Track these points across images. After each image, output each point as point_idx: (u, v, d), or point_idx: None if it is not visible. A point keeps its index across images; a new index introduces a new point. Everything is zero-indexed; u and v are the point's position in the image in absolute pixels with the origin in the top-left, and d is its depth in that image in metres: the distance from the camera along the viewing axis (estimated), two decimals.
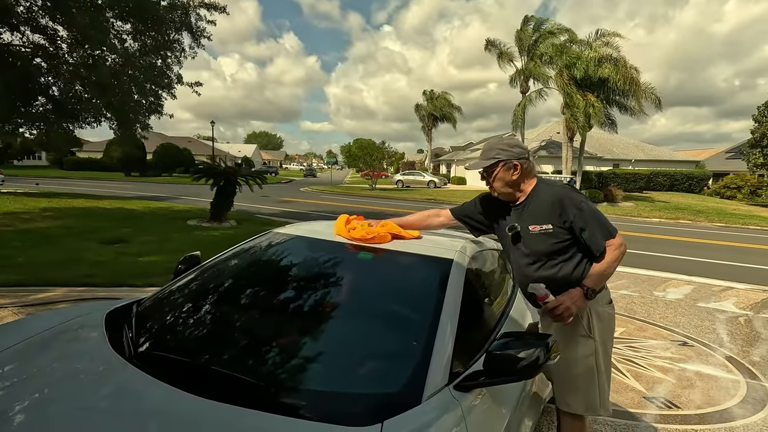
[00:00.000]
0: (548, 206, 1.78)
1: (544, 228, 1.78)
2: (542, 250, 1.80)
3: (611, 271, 1.76)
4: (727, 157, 37.88)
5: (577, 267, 1.79)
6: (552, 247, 1.78)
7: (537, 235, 1.80)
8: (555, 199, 1.77)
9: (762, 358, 3.81)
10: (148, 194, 18.54)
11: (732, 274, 7.40)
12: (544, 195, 1.81)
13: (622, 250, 1.75)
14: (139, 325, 1.63)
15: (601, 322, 1.82)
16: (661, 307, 5.28)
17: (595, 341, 1.80)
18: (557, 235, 1.76)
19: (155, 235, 7.89)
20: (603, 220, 1.76)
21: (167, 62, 10.45)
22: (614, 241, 1.75)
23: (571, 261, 1.79)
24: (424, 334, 1.40)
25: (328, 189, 28.52)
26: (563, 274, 1.78)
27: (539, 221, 1.79)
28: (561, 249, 1.78)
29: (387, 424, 1.08)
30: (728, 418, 2.78)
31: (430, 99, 44.03)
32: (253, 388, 1.22)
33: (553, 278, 1.78)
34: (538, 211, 1.80)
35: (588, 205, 1.76)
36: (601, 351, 1.81)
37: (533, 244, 1.81)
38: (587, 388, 1.80)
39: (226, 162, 10.95)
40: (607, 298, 1.88)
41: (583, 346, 1.80)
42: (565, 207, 1.75)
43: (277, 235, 2.24)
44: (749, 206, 23.44)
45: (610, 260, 1.74)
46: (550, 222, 1.77)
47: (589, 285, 1.73)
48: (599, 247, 1.73)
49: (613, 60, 20.39)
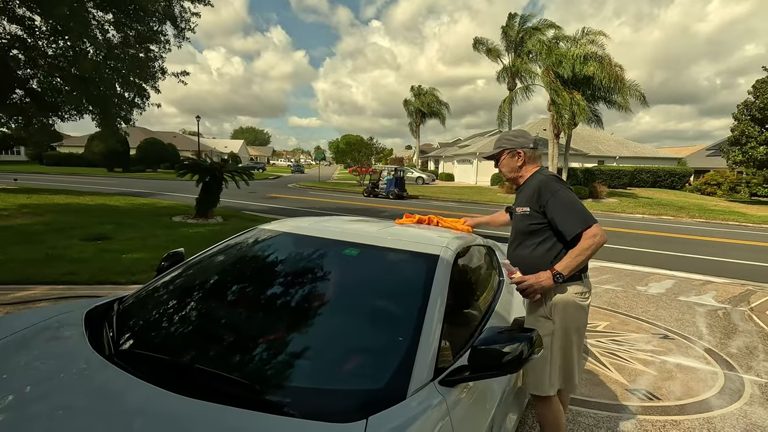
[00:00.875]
0: (531, 191, 1.98)
1: (523, 210, 1.99)
2: (521, 230, 2.02)
3: (582, 258, 1.81)
4: (707, 155, 38.72)
5: (549, 250, 1.93)
6: (527, 228, 1.98)
7: (519, 216, 2.04)
8: (536, 185, 1.96)
9: (739, 350, 3.92)
10: (132, 190, 18.20)
11: (712, 269, 7.59)
12: (531, 181, 2.02)
13: (596, 240, 1.80)
14: (120, 324, 1.61)
15: (565, 309, 1.89)
16: (643, 301, 5.38)
17: (554, 324, 1.90)
18: (532, 217, 1.95)
19: (139, 231, 7.75)
20: (579, 209, 1.86)
21: (150, 54, 10.22)
22: (590, 230, 1.82)
23: (543, 244, 1.94)
24: (410, 330, 1.41)
25: (316, 185, 28.37)
26: (535, 254, 1.95)
27: (522, 204, 2.01)
28: (535, 231, 1.96)
29: (372, 419, 1.08)
30: (706, 408, 2.86)
31: (417, 95, 44.00)
32: (237, 386, 1.21)
33: (526, 257, 1.98)
34: (524, 195, 2.02)
35: (564, 194, 1.89)
36: (559, 336, 1.89)
37: (517, 224, 2.06)
38: (538, 368, 1.90)
39: (212, 158, 10.80)
40: (580, 289, 1.92)
41: (541, 326, 1.90)
42: (541, 192, 1.92)
43: (263, 232, 2.22)
44: (729, 202, 24.03)
45: (582, 248, 1.81)
46: (528, 205, 1.97)
47: (559, 269, 1.82)
48: (570, 233, 1.84)
49: (599, 58, 20.62)
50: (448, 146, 51.29)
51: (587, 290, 1.96)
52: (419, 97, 43.59)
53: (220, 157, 36.49)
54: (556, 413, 1.95)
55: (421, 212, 2.68)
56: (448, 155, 42.93)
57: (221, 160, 11.49)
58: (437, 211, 15.34)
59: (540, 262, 1.91)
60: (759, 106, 22.48)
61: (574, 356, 1.93)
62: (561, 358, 1.91)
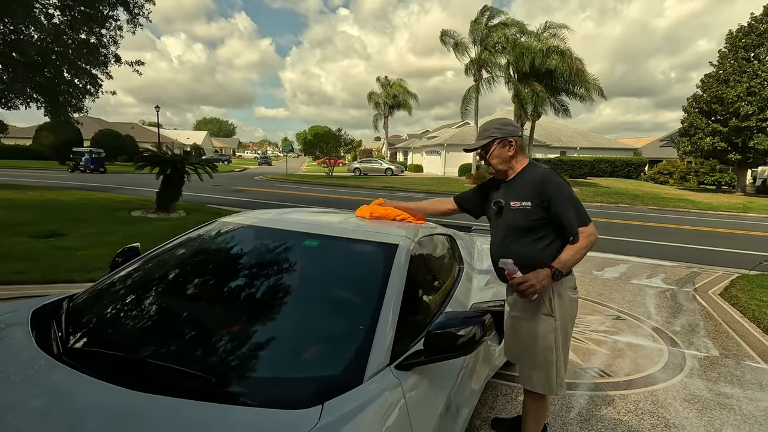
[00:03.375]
0: (531, 185, 1.90)
1: (523, 204, 1.89)
2: (518, 226, 1.92)
3: (580, 257, 1.85)
4: (660, 145, 40.83)
5: (547, 247, 1.89)
6: (527, 224, 1.89)
7: (516, 211, 1.92)
8: (538, 179, 1.89)
9: (682, 327, 4.22)
10: (86, 184, 17.30)
11: (662, 253, 8.07)
12: (529, 174, 1.94)
13: (592, 239, 1.85)
14: (70, 322, 1.55)
15: (563, 304, 1.92)
16: (599, 285, 5.67)
17: (556, 321, 1.90)
18: (534, 212, 1.87)
19: (95, 227, 7.41)
20: (579, 207, 1.87)
21: (101, 40, 9.67)
22: (586, 229, 1.85)
23: (542, 240, 1.89)
24: (367, 317, 1.44)
25: (284, 177, 27.91)
26: (532, 251, 1.89)
27: (520, 198, 1.91)
28: (535, 227, 1.89)
29: (327, 405, 1.11)
30: (651, 382, 3.07)
31: (385, 86, 43.88)
32: (192, 379, 1.20)
33: (523, 254, 1.88)
34: (522, 189, 1.92)
35: (567, 189, 1.87)
36: (561, 331, 1.91)
37: (511, 219, 1.94)
38: (546, 367, 1.92)
39: (174, 150, 10.42)
40: (572, 284, 1.97)
41: (544, 324, 1.90)
42: (546, 186, 1.85)
43: (223, 224, 2.19)
44: (680, 190, 25.49)
45: (579, 247, 1.83)
46: (529, 200, 1.88)
47: (557, 267, 1.82)
48: (573, 230, 1.83)
49: (560, 51, 21.26)
50: (417, 137, 51.61)
51: (575, 282, 2.01)
52: (386, 89, 43.48)
53: (182, 149, 35.19)
54: (547, 408, 2.06)
55: None
56: (417, 146, 43.22)
57: (183, 152, 11.11)
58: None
59: (538, 258, 1.86)
60: (706, 99, 23.85)
61: (569, 347, 2.01)
62: (565, 351, 1.95)
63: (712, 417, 2.65)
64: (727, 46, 24.05)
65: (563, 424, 2.50)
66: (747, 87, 22.13)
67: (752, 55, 23.02)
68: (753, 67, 22.50)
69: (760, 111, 22.01)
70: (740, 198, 22.27)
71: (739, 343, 3.88)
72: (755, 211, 17.49)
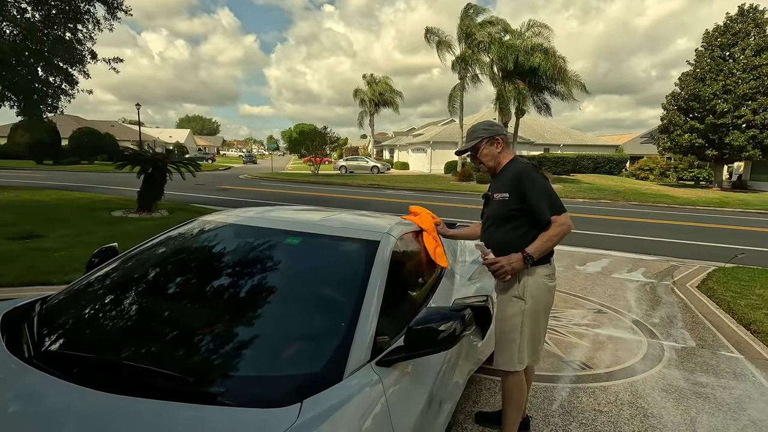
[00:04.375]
0: (510, 178, 2.07)
1: (502, 196, 2.07)
2: (498, 215, 2.10)
3: (552, 244, 1.99)
4: (641, 142, 41.65)
5: (524, 235, 2.03)
6: (505, 213, 2.06)
7: (496, 202, 2.11)
8: (516, 172, 2.05)
9: (661, 320, 4.32)
10: (64, 184, 16.86)
11: (643, 248, 8.24)
12: (510, 168, 2.11)
13: (564, 228, 1.98)
14: (43, 324, 1.51)
15: (535, 289, 2.04)
16: (581, 279, 5.77)
17: (525, 304, 2.04)
18: (510, 203, 2.04)
19: (73, 228, 7.23)
20: (553, 197, 2.01)
21: (77, 36, 9.40)
22: (559, 218, 1.98)
23: (519, 228, 2.04)
24: (348, 314, 1.43)
25: (269, 176, 27.65)
26: (510, 238, 2.05)
27: (501, 190, 2.09)
28: (511, 216, 2.05)
29: (306, 402, 1.10)
30: (631, 373, 3.14)
31: (370, 83, 43.77)
32: (169, 380, 1.18)
33: (503, 240, 2.08)
34: (503, 182, 2.10)
35: (541, 182, 2.03)
36: (529, 315, 2.04)
37: (494, 209, 2.13)
38: (509, 346, 2.06)
39: (155, 148, 10.22)
40: (548, 272, 2.10)
41: (513, 306, 2.05)
42: (522, 179, 2.01)
43: (203, 223, 2.16)
44: (659, 186, 26.06)
45: (551, 234, 1.97)
46: (507, 191, 2.05)
47: (529, 251, 1.97)
48: (544, 218, 1.98)
49: (543, 49, 21.50)
50: (403, 135, 51.64)
51: (553, 272, 2.13)
52: (372, 86, 43.38)
53: (164, 148, 34.57)
54: (522, 389, 2.12)
55: (374, 201, 2.66)
56: (403, 144, 43.27)
57: (165, 151, 10.91)
58: (391, 200, 15.49)
59: (515, 245, 2.02)
60: (684, 97, 24.44)
61: (541, 333, 2.13)
62: (530, 335, 2.06)
63: (689, 406, 2.72)
64: (704, 45, 24.67)
65: (545, 416, 2.54)
66: (723, 85, 22.74)
67: (728, 53, 23.67)
68: (728, 65, 23.14)
69: (735, 108, 22.66)
70: (717, 193, 22.91)
71: (714, 333, 4.00)
72: (731, 205, 18.01)
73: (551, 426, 2.45)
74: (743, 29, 23.26)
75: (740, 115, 22.56)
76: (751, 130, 22.51)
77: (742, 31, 23.25)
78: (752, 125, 22.55)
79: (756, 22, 23.14)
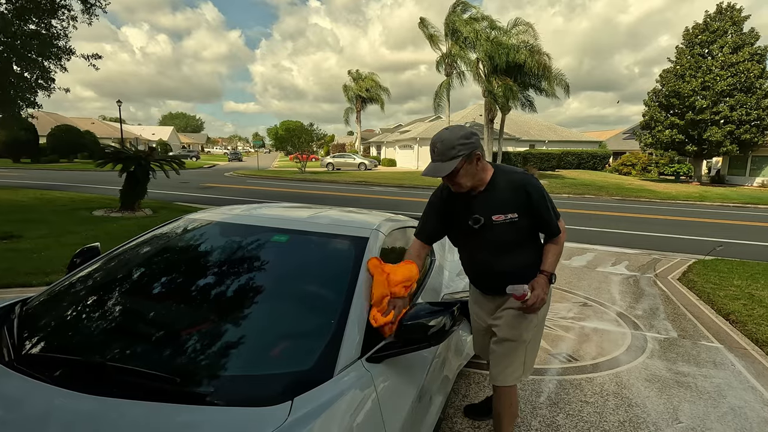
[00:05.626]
0: (510, 194, 1.76)
1: (509, 217, 1.76)
2: (508, 240, 1.80)
3: (561, 254, 1.89)
4: (624, 138, 42.38)
5: (537, 251, 1.88)
6: (516, 235, 1.79)
7: (502, 225, 1.77)
8: (517, 186, 1.76)
9: (644, 312, 4.42)
10: (43, 183, 16.43)
11: (626, 241, 8.40)
12: (504, 183, 1.79)
13: (565, 235, 1.89)
14: (23, 327, 1.47)
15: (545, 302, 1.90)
16: (567, 273, 5.85)
17: (537, 317, 1.90)
18: (521, 222, 1.77)
19: (53, 228, 7.05)
20: (554, 206, 1.86)
21: (51, 31, 9.10)
22: (561, 225, 1.87)
23: (531, 245, 1.87)
24: (338, 311, 1.43)
25: (255, 173, 27.37)
26: (528, 260, 1.84)
27: (505, 210, 1.76)
28: (524, 236, 1.82)
29: (297, 400, 1.10)
30: (616, 364, 3.21)
31: (356, 79, 43.58)
32: (155, 380, 1.16)
33: (519, 264, 1.83)
34: (501, 200, 1.77)
35: (546, 192, 1.82)
36: (539, 326, 1.95)
37: (499, 233, 1.79)
38: (518, 360, 1.89)
39: (138, 146, 10.02)
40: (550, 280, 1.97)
41: (528, 322, 1.87)
42: (529, 193, 1.75)
43: (188, 221, 2.12)
44: (641, 181, 26.59)
45: (560, 246, 1.85)
46: (515, 210, 1.76)
47: (551, 270, 1.81)
48: (556, 231, 1.83)
49: (529, 46, 21.69)
50: (390, 132, 51.60)
51: None
52: (358, 82, 43.21)
53: (147, 145, 33.90)
54: (518, 399, 2.08)
55: (362, 197, 2.65)
56: (390, 141, 43.23)
57: (148, 148, 10.70)
58: (379, 197, 15.48)
59: (535, 265, 1.83)
60: (665, 93, 24.91)
61: (541, 336, 2.04)
62: (536, 345, 1.97)
63: (671, 395, 2.79)
64: (684, 42, 25.18)
65: (533, 408, 2.58)
66: (701, 82, 23.25)
67: (706, 51, 24.20)
68: (707, 62, 23.65)
69: (713, 105, 23.19)
70: (697, 187, 23.48)
71: (695, 324, 4.10)
72: (710, 199, 18.48)
73: (539, 418, 2.48)
74: (721, 27, 23.80)
75: (718, 111, 23.10)
76: (729, 125, 23.09)
77: (720, 29, 23.79)
78: (729, 121, 23.13)
79: (733, 20, 23.70)
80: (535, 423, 2.44)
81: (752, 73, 22.47)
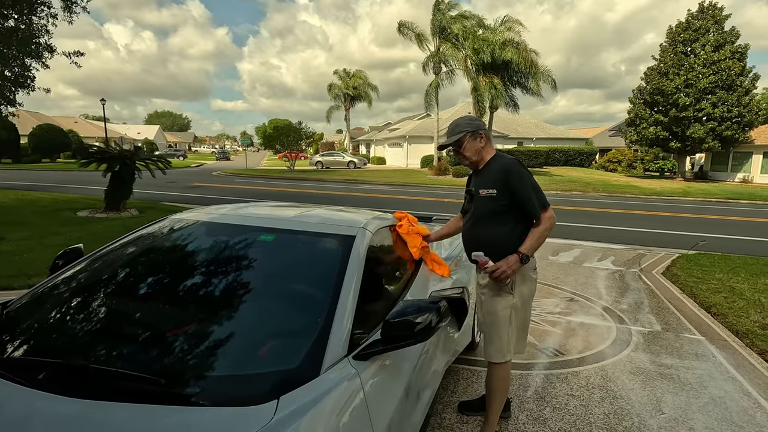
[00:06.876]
0: (496, 174, 2.06)
1: (489, 192, 2.06)
2: (486, 211, 2.09)
3: (543, 240, 2.04)
4: (610, 135, 42.98)
5: (513, 230, 2.05)
6: (494, 209, 2.06)
7: (483, 198, 2.09)
8: (503, 168, 2.05)
9: (629, 306, 4.50)
10: (25, 183, 16.08)
11: (612, 237, 8.53)
12: (496, 164, 2.11)
13: (551, 222, 2.05)
14: (4, 330, 1.45)
15: (523, 284, 2.10)
16: (554, 269, 5.93)
17: (514, 298, 2.09)
18: (499, 198, 2.03)
19: (36, 229, 6.91)
20: (540, 193, 2.04)
21: (31, 28, 8.89)
22: (547, 213, 2.04)
23: (507, 224, 2.06)
24: (324, 310, 1.43)
25: (244, 172, 27.14)
26: (497, 235, 2.06)
27: (488, 186, 2.07)
28: (500, 212, 2.05)
29: (283, 399, 1.10)
30: (601, 358, 3.26)
31: (343, 78, 43.40)
32: (139, 382, 1.15)
33: (488, 237, 2.08)
34: (489, 177, 2.09)
35: (529, 178, 2.05)
36: (519, 307, 2.11)
37: (480, 205, 2.11)
38: (500, 338, 2.11)
39: (123, 145, 9.86)
40: (533, 265, 2.15)
41: (502, 300, 2.09)
42: (509, 176, 2.02)
43: (174, 221, 2.10)
44: (627, 177, 26.98)
45: (542, 230, 2.02)
46: (495, 187, 2.04)
47: (524, 251, 2.00)
48: (536, 213, 2.01)
49: (515, 44, 21.85)
50: (379, 130, 51.55)
51: (536, 265, 2.18)
52: (345, 80, 43.03)
53: (132, 145, 33.33)
54: (509, 378, 2.19)
55: (351, 196, 2.67)
56: (379, 139, 43.19)
57: (134, 148, 10.53)
58: (368, 195, 15.47)
59: (503, 241, 2.04)
60: (649, 91, 25.32)
61: (527, 322, 2.20)
62: (519, 326, 2.14)
63: (654, 387, 2.85)
64: (667, 40, 25.59)
65: (521, 402, 2.61)
66: (685, 79, 23.68)
67: (689, 49, 24.63)
68: (690, 60, 24.09)
69: (696, 102, 23.64)
70: (681, 183, 23.92)
71: (678, 317, 4.19)
72: (693, 195, 18.84)
73: (527, 412, 2.52)
74: (703, 26, 24.24)
75: (701, 108, 23.55)
76: (711, 122, 23.56)
77: (702, 28, 24.23)
78: (712, 118, 23.59)
79: (715, 19, 24.16)
80: (523, 417, 2.47)
81: (733, 71, 22.95)
